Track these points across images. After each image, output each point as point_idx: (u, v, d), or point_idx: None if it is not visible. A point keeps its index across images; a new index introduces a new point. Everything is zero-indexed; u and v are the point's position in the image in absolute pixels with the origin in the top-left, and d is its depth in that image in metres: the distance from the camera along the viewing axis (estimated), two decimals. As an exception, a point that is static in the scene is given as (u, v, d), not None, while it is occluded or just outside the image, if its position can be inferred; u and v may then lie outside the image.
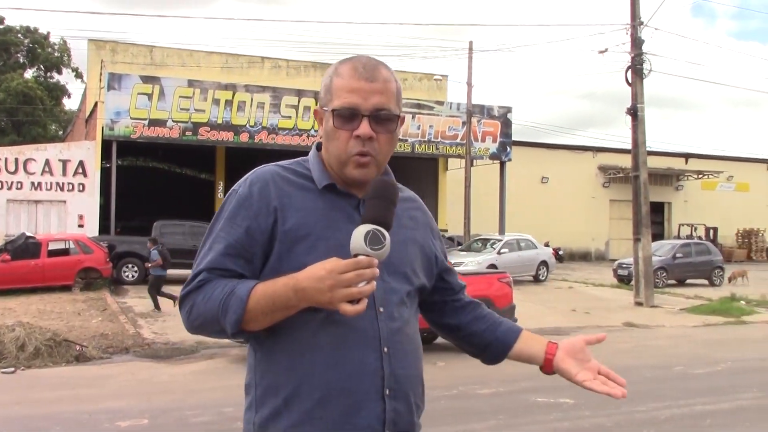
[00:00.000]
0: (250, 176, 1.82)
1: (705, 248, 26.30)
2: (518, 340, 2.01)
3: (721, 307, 17.75)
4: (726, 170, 42.34)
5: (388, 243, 1.58)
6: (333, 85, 1.78)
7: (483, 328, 2.05)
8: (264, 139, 25.98)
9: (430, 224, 2.02)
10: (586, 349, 1.89)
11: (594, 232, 39.63)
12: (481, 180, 30.68)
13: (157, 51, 30.16)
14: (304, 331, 1.71)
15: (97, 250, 19.73)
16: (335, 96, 1.77)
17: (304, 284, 1.59)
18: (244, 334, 1.72)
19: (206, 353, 11.25)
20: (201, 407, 7.69)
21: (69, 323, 13.60)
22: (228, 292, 1.66)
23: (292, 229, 1.74)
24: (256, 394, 1.80)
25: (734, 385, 8.93)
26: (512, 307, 11.91)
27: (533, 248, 25.12)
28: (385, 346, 1.74)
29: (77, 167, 25.52)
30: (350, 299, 1.56)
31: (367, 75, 1.75)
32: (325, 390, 1.70)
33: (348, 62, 1.79)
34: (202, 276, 1.73)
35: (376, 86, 1.75)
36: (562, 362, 1.89)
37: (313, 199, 1.78)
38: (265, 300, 1.64)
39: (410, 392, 1.80)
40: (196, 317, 1.72)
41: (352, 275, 1.55)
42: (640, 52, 18.90)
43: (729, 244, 40.87)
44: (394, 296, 1.79)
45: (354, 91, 1.74)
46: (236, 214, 1.77)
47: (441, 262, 2.01)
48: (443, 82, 33.79)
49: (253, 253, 1.74)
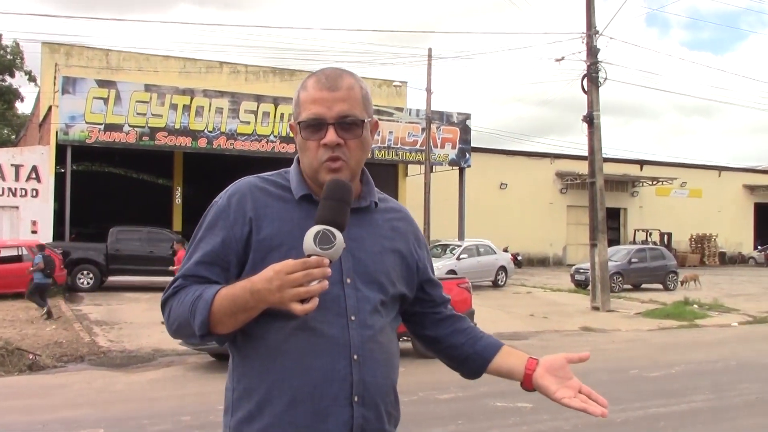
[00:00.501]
0: (230, 188, 1.88)
1: (660, 253, 26.79)
2: (497, 354, 2.01)
3: (674, 311, 18.09)
4: (680, 177, 43.22)
5: (338, 243, 1.59)
6: (300, 99, 1.84)
7: (462, 342, 2.05)
8: (222, 145, 25.78)
9: (416, 234, 2.04)
10: (567, 366, 1.88)
11: (552, 237, 40.10)
12: (441, 186, 30.84)
13: (113, 55, 29.70)
14: (277, 337, 1.75)
15: (51, 256, 19.33)
16: (302, 109, 1.83)
17: (258, 286, 1.62)
18: (214, 337, 1.75)
19: (163, 361, 11.11)
20: (158, 416, 7.59)
21: (22, 331, 13.32)
22: (197, 296, 1.72)
23: (266, 238, 1.79)
24: (232, 397, 1.83)
25: (687, 388, 9.10)
26: (471, 312, 11.97)
27: (492, 254, 25.33)
28: (355, 354, 1.76)
29: (30, 172, 25.00)
30: (299, 299, 1.58)
31: (329, 85, 1.80)
32: (294, 395, 1.73)
33: (313, 75, 1.85)
34: (178, 282, 1.80)
35: (338, 95, 1.80)
36: (542, 378, 1.89)
37: (289, 209, 1.83)
38: (227, 302, 1.68)
39: (380, 400, 1.81)
40: (173, 321, 1.78)
41: (299, 275, 1.56)
42: (596, 60, 19.21)
43: (683, 249, 41.71)
44: (366, 305, 1.81)
45: (317, 101, 1.80)
46: (214, 224, 1.83)
47: (423, 272, 2.03)
48: (402, 88, 33.90)
49: (229, 262, 1.80)
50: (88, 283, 20.91)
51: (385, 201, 2.00)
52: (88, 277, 21.00)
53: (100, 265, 21.18)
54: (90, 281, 20.97)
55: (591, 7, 19.43)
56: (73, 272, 20.67)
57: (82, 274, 20.98)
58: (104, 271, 21.28)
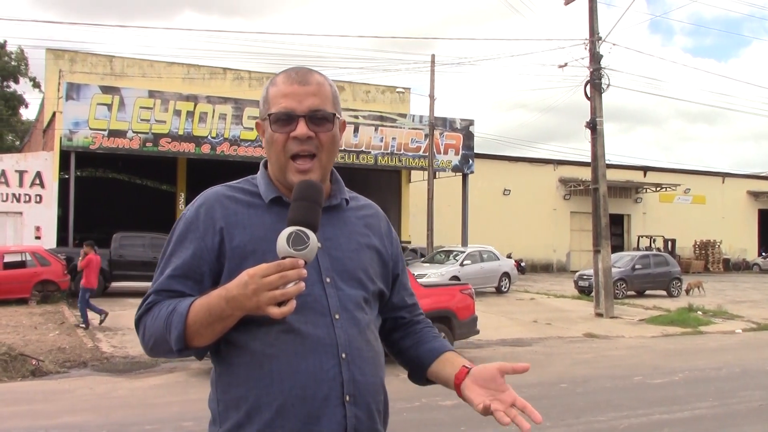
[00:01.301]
0: (198, 199, 1.85)
1: (663, 260, 26.73)
2: (436, 361, 1.92)
3: (678, 318, 18.04)
4: (683, 183, 43.19)
5: (312, 243, 1.58)
6: (269, 95, 1.83)
7: (408, 345, 2.01)
8: (226, 151, 25.83)
9: (388, 231, 2.02)
10: (499, 377, 1.74)
11: (555, 243, 40.08)
12: (444, 192, 30.85)
13: (117, 61, 29.83)
14: (262, 343, 1.72)
15: (54, 262, 19.37)
16: (272, 103, 1.81)
17: (233, 292, 1.60)
18: (191, 351, 1.72)
19: (166, 367, 11.10)
20: (160, 422, 7.58)
21: (25, 337, 13.32)
22: (171, 311, 1.69)
23: (239, 245, 1.76)
24: (218, 409, 1.80)
25: (691, 395, 9.07)
26: (474, 318, 11.96)
27: (495, 260, 25.29)
28: (343, 352, 1.74)
29: (34, 178, 25.09)
30: (276, 302, 1.56)
31: (299, 79, 1.80)
32: (284, 399, 1.70)
33: (282, 73, 1.85)
34: (151, 298, 1.77)
35: (309, 89, 1.79)
36: (468, 390, 1.77)
37: (260, 215, 1.80)
38: (203, 312, 1.65)
39: (371, 399, 1.78)
40: (149, 338, 1.76)
41: (274, 278, 1.54)
42: (599, 66, 19.22)
43: (687, 255, 41.63)
44: (349, 303, 1.79)
45: (288, 95, 1.79)
46: (184, 237, 1.80)
47: (394, 268, 2.01)
48: (406, 94, 33.97)
49: (202, 273, 1.77)
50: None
51: (356, 199, 1.98)
52: (92, 283, 20.98)
53: (104, 271, 21.16)
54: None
55: (594, 14, 19.45)
56: (76, 278, 20.65)
57: (86, 279, 20.97)
58: (107, 276, 21.28)
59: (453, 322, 11.55)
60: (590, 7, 19.47)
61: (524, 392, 1.92)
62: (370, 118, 28.24)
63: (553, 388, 9.24)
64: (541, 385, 9.27)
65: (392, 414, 1.93)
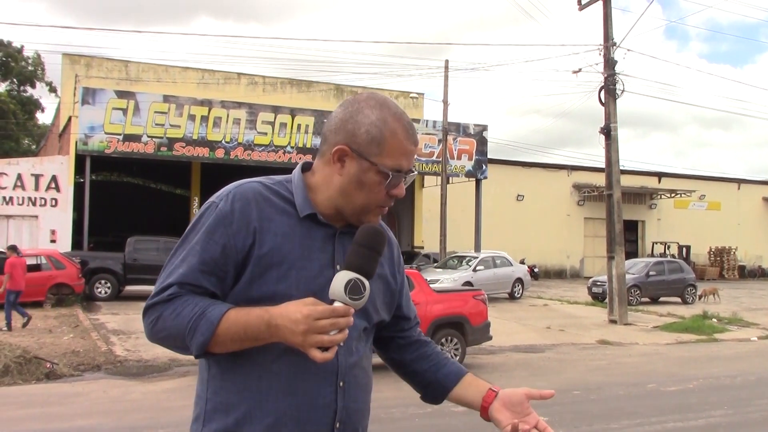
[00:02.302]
0: (233, 191, 1.76)
1: (678, 266, 26.55)
2: (458, 384, 1.96)
3: (693, 325, 17.92)
4: (698, 189, 42.93)
5: (367, 294, 1.58)
6: (386, 141, 1.74)
7: (425, 368, 2.01)
8: (240, 155, 25.94)
9: (397, 258, 2.01)
10: (526, 402, 1.81)
11: (569, 249, 39.93)
12: (457, 197, 30.83)
13: (132, 66, 30.03)
14: (266, 356, 1.70)
15: (69, 265, 19.50)
16: (387, 154, 1.74)
17: (278, 321, 1.58)
18: (207, 355, 1.69)
19: (179, 371, 11.14)
20: (173, 425, 7.60)
21: (40, 340, 13.40)
22: (199, 313, 1.63)
23: (267, 254, 1.70)
24: (205, 408, 1.77)
25: (706, 403, 9.00)
26: (487, 324, 11.93)
27: (509, 265, 25.22)
28: (341, 381, 1.74)
29: (50, 182, 25.28)
30: (321, 346, 1.56)
31: (414, 140, 1.79)
32: (277, 417, 1.69)
33: (398, 120, 1.77)
34: (173, 290, 1.68)
35: (416, 150, 1.80)
36: (497, 412, 1.82)
37: (291, 225, 1.75)
38: (236, 328, 1.62)
39: (359, 424, 1.81)
40: (161, 330, 1.69)
41: (327, 323, 1.54)
42: (613, 72, 19.15)
43: (701, 262, 41.36)
44: (353, 331, 1.76)
45: (407, 155, 1.76)
46: (215, 230, 1.71)
47: (398, 297, 2.00)
48: (419, 100, 34.00)
49: (227, 272, 1.70)
50: (106, 292, 21.05)
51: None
52: (106, 287, 21.14)
53: (118, 275, 21.32)
54: (108, 290, 21.11)
55: (608, 20, 19.40)
56: (90, 281, 20.81)
57: (100, 283, 21.12)
58: (122, 280, 21.41)
59: (466, 328, 11.53)
60: (605, 13, 19.42)
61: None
62: (384, 123, 28.22)
63: (567, 395, 9.19)
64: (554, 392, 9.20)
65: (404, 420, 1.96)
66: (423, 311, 10.27)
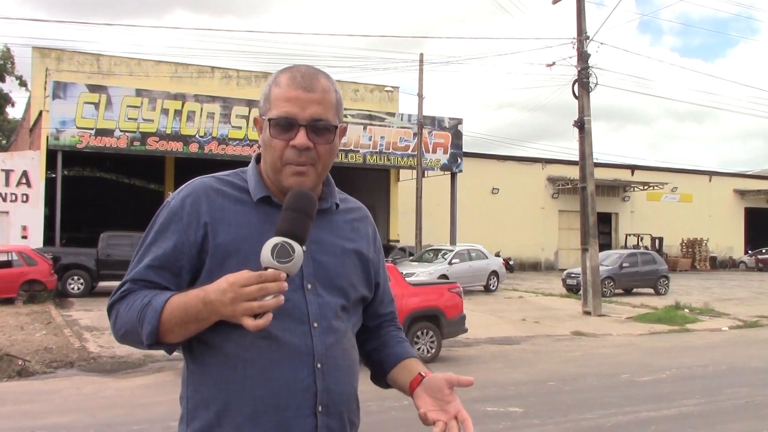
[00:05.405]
0: (184, 188, 1.80)
1: (651, 258, 26.86)
2: (396, 367, 1.92)
3: (666, 316, 18.14)
4: (670, 182, 43.39)
5: (297, 257, 1.54)
6: (271, 94, 1.76)
7: (372, 348, 1.99)
8: (214, 150, 25.75)
9: (374, 235, 1.99)
10: (446, 388, 1.73)
11: (544, 242, 40.20)
12: (433, 191, 30.87)
13: (104, 59, 29.68)
14: (237, 345, 1.69)
15: (41, 262, 19.25)
16: (273, 105, 1.74)
17: (211, 296, 1.57)
18: (162, 346, 1.69)
19: (153, 367, 11.07)
20: (148, 422, 7.56)
21: (11, 337, 13.24)
22: (146, 303, 1.65)
23: (224, 243, 1.71)
24: (187, 407, 1.77)
25: (678, 392, 9.12)
26: (462, 317, 11.98)
27: (484, 258, 25.34)
28: (318, 362, 1.72)
29: (21, 177, 24.93)
30: (253, 313, 1.52)
31: (305, 84, 1.73)
32: (256, 406, 1.68)
33: (287, 71, 1.77)
34: (127, 286, 1.73)
35: (314, 96, 1.73)
36: (417, 398, 1.78)
37: (246, 212, 1.76)
38: (179, 311, 1.62)
39: (344, 409, 1.78)
40: (120, 327, 1.72)
41: (254, 289, 1.51)
42: (586, 65, 19.28)
43: (674, 253, 41.86)
44: (328, 311, 1.76)
45: (291, 100, 1.72)
46: (167, 227, 1.75)
47: (376, 275, 1.98)
48: (394, 93, 33.96)
49: (181, 267, 1.73)
50: (79, 288, 20.83)
51: (346, 201, 1.95)
52: (79, 283, 20.92)
53: (91, 271, 21.10)
54: (80, 286, 20.89)
55: (582, 13, 19.51)
56: (63, 277, 20.58)
57: (73, 279, 20.91)
58: (95, 276, 21.19)
59: (441, 321, 11.57)
60: (578, 6, 19.53)
61: (512, 390, 1.95)
62: (359, 117, 28.21)
63: (542, 386, 9.26)
64: (529, 383, 9.29)
65: (380, 413, 1.94)
66: (399, 304, 10.23)
